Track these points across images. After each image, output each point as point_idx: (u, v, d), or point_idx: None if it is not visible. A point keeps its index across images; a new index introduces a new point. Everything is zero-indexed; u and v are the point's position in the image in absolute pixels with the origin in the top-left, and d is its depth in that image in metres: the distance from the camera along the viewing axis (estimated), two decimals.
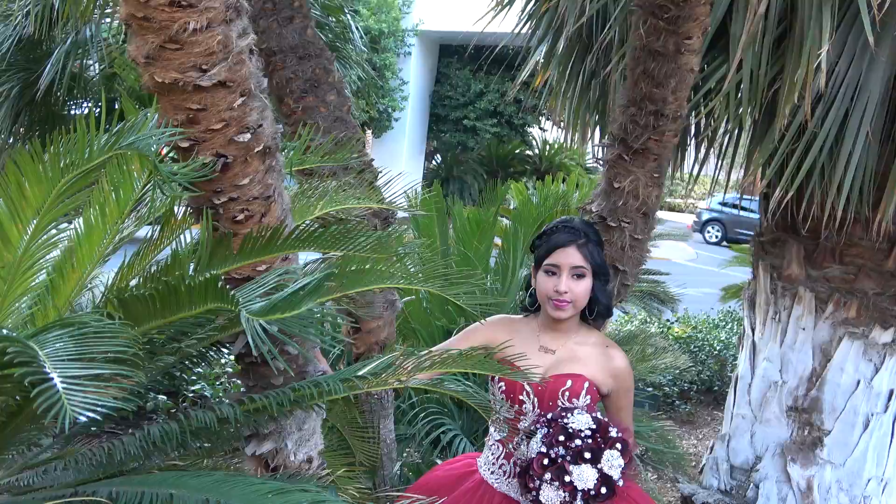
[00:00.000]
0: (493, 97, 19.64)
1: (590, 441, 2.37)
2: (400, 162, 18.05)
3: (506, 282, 4.59)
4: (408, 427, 3.89)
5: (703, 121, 4.11)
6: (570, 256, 2.55)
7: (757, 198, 4.72)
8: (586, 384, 2.56)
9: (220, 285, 1.31)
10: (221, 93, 1.77)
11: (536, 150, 22.00)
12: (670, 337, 7.82)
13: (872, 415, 4.24)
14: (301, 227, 1.63)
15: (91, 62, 5.02)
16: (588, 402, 2.56)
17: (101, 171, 1.85)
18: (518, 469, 2.50)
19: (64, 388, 1.07)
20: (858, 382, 4.24)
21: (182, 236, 2.05)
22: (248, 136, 1.81)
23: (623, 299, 3.50)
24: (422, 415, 3.89)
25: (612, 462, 2.36)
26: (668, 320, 8.18)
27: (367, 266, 1.82)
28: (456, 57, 20.32)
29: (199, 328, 1.72)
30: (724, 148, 4.16)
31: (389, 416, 3.54)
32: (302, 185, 2.19)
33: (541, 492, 2.37)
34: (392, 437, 3.55)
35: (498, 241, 5.03)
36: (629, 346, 4.39)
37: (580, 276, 2.55)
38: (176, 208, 2.10)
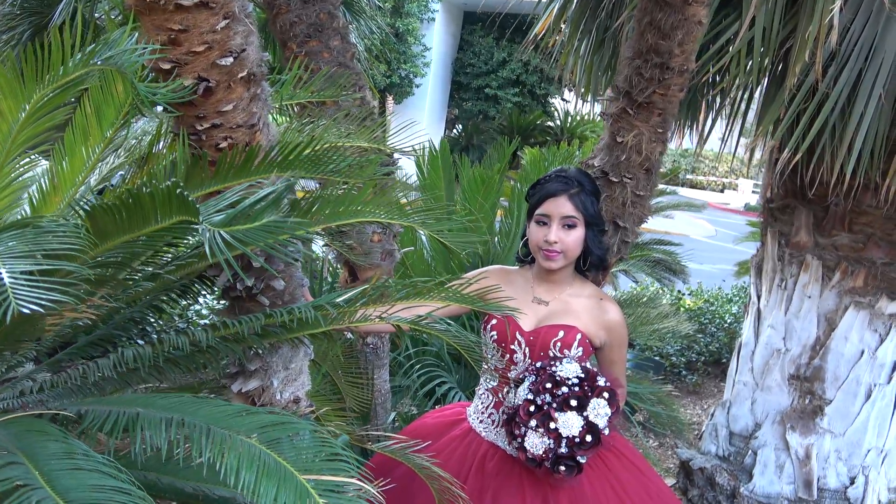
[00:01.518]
0: (515, 66, 19.48)
1: (577, 389, 2.35)
2: (420, 129, 17.96)
3: (510, 241, 4.56)
4: (403, 378, 3.89)
5: (716, 80, 4.04)
6: (561, 206, 2.51)
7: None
8: (578, 336, 2.54)
9: (181, 193, 1.29)
10: (204, 14, 1.74)
11: (558, 121, 21.83)
12: (682, 308, 7.80)
13: (875, 385, 4.20)
14: (278, 149, 1.61)
15: (102, 7, 4.99)
16: (580, 353, 2.53)
17: (84, 92, 1.83)
18: (505, 417, 2.49)
19: (10, 283, 1.06)
20: (862, 352, 4.19)
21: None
22: (231, 59, 1.79)
23: (623, 256, 3.46)
24: (418, 367, 3.88)
25: (599, 410, 2.34)
26: (679, 291, 8.13)
27: (345, 197, 1.80)
28: (480, 24, 20.15)
29: (171, 247, 1.71)
30: (735, 108, 4.09)
31: (384, 367, 3.54)
32: (293, 121, 2.16)
33: (526, 438, 2.36)
34: (387, 388, 3.55)
35: (506, 204, 5.00)
36: (632, 308, 4.35)
37: (571, 227, 2.52)
38: (162, 144, 2.09)
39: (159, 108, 1.89)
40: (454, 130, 22.65)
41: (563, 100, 21.28)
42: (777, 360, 4.37)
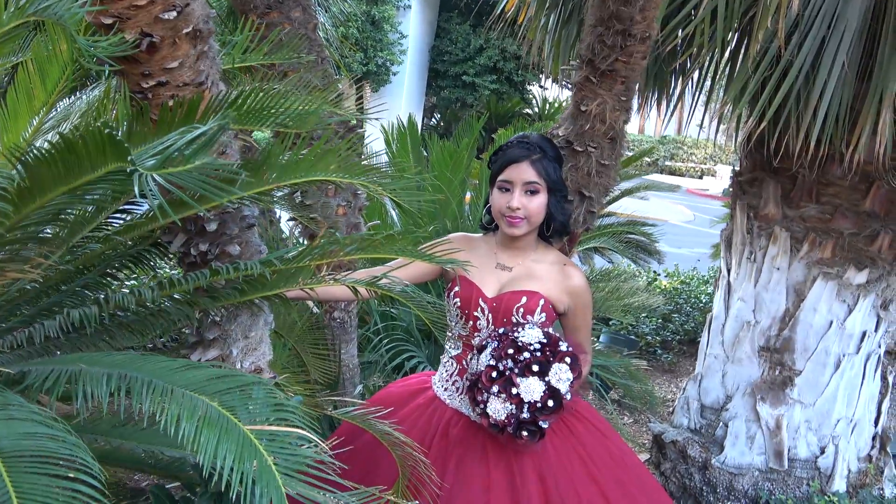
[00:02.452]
0: (492, 53, 19.44)
1: (538, 354, 2.35)
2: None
3: (478, 216, 4.55)
4: (372, 354, 3.88)
5: (682, 51, 4.03)
6: (524, 172, 2.50)
7: None
8: (542, 301, 2.53)
9: (113, 136, 1.26)
10: None
11: (536, 109, 21.82)
12: (657, 289, 7.83)
13: (844, 355, 4.22)
14: (222, 97, 1.58)
15: None
16: (543, 319, 2.53)
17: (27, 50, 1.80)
18: (468, 383, 2.48)
19: None
20: (831, 323, 4.21)
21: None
22: (175, 14, 1.76)
23: (590, 227, 3.46)
24: (386, 341, 3.87)
25: (560, 375, 2.34)
26: (654, 272, 8.16)
27: (295, 154, 1.77)
28: (456, 11, 20.09)
29: (112, 202, 1.68)
30: (702, 77, 4.09)
31: (352, 341, 3.52)
32: (243, 85, 2.13)
33: (488, 404, 2.36)
34: (355, 363, 3.53)
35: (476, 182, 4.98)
36: (604, 282, 4.35)
37: (533, 193, 2.50)
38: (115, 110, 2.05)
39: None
40: (433, 118, 22.61)
41: (541, 87, 21.29)
42: (747, 332, 4.38)
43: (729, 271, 4.62)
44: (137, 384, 1.39)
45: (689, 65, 4.06)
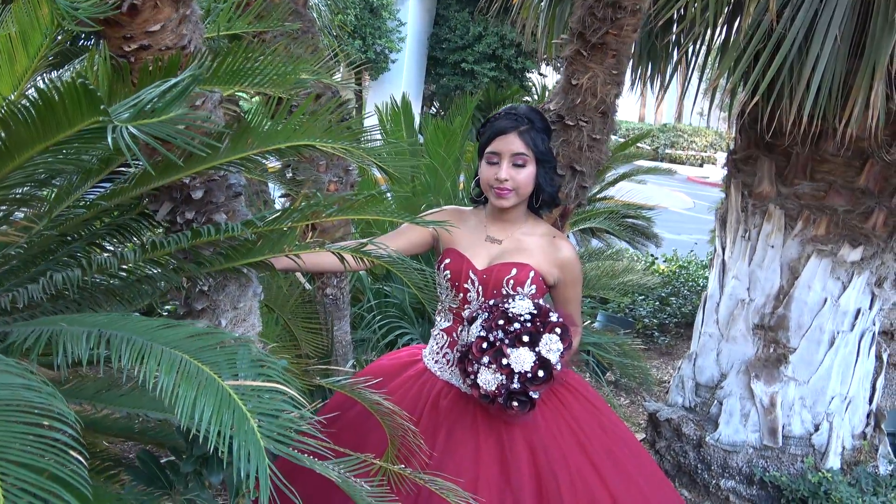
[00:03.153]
0: (491, 40, 19.37)
1: (529, 325, 2.35)
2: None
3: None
4: (365, 331, 3.88)
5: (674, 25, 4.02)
6: (511, 143, 2.50)
7: None
8: (532, 273, 2.53)
9: (88, 87, 1.26)
10: None
11: (535, 96, 21.75)
12: (655, 273, 7.83)
13: (838, 333, 4.22)
14: (198, 57, 1.57)
15: None
16: (533, 291, 2.53)
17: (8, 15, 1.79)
18: (458, 355, 2.48)
19: None
20: (825, 300, 4.21)
21: None
22: None
23: (582, 202, 3.46)
24: (379, 318, 3.87)
25: (551, 346, 2.34)
26: (652, 255, 8.15)
27: (279, 124, 1.77)
28: None
29: (98, 171, 1.67)
30: (696, 52, 4.07)
31: (345, 318, 3.52)
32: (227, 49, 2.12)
33: (479, 375, 2.36)
34: (348, 339, 3.53)
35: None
36: (599, 261, 4.35)
37: (522, 164, 2.50)
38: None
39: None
40: (432, 107, 22.57)
41: (540, 74, 21.23)
42: (741, 310, 4.38)
43: (724, 250, 4.62)
44: (116, 340, 1.39)
45: (682, 40, 4.05)
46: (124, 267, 1.88)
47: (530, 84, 21.73)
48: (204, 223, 2.18)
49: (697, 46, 4.11)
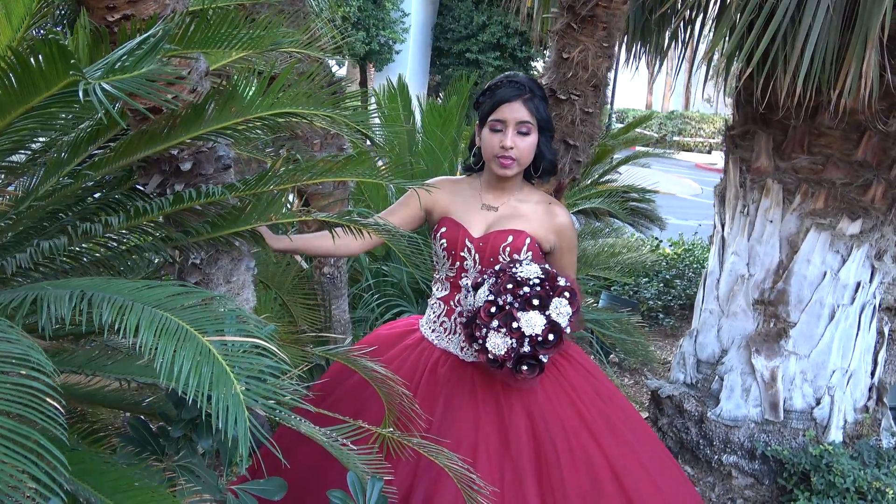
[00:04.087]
0: (496, 29, 19.38)
1: (538, 289, 2.36)
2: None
3: None
4: (364, 310, 3.90)
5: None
6: (516, 111, 2.50)
7: None
8: (528, 240, 2.54)
9: (63, 46, 1.27)
10: None
11: None
12: (660, 256, 7.83)
13: (839, 306, 4.22)
14: (175, 18, 1.59)
15: None
16: (529, 258, 2.54)
17: None
18: (463, 320, 2.50)
19: None
20: (825, 274, 4.20)
21: None
22: None
23: (576, 177, 3.46)
24: (377, 296, 3.89)
25: (560, 309, 2.35)
26: (656, 238, 8.14)
27: (261, 92, 1.79)
28: None
29: (87, 142, 1.68)
30: (689, 25, 4.06)
31: (343, 297, 3.54)
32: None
33: (488, 339, 2.36)
34: (346, 318, 3.55)
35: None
36: (599, 238, 4.36)
37: (526, 133, 2.51)
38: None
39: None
40: (438, 97, 22.56)
41: (544, 62, 21.14)
42: (741, 285, 4.38)
43: (723, 226, 4.62)
44: (98, 299, 1.41)
45: (675, 14, 4.04)
46: (112, 236, 1.90)
47: (535, 73, 21.69)
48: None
49: (691, 16, 4.09)
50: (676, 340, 6.88)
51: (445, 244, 2.60)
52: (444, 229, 2.60)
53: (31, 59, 1.32)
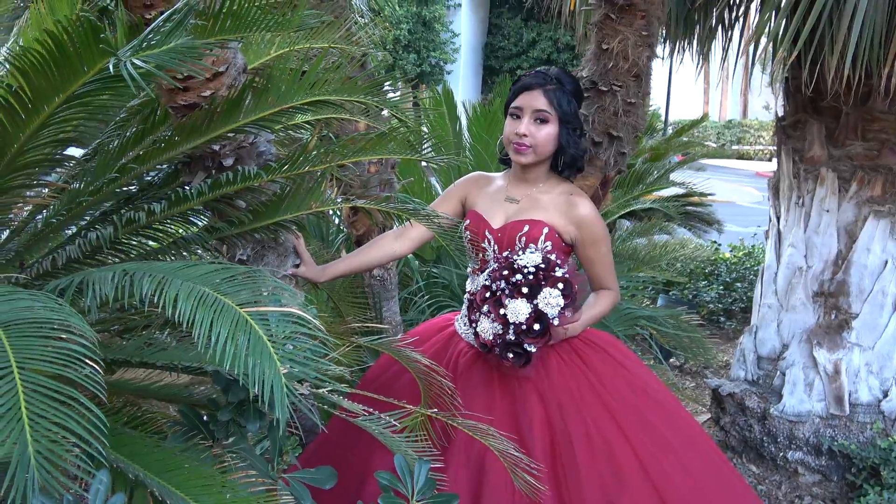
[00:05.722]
0: (545, 45, 19.42)
1: (531, 277, 2.35)
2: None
3: None
4: (415, 313, 3.92)
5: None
6: (534, 99, 2.51)
7: None
8: (545, 229, 2.52)
9: (94, 22, 1.32)
10: None
11: None
12: (718, 260, 7.71)
13: None
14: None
15: None
16: (549, 248, 2.52)
17: None
18: (467, 304, 2.53)
19: None
20: (886, 263, 4.10)
21: None
22: None
23: (622, 170, 3.44)
24: (427, 298, 3.91)
25: (549, 300, 2.32)
26: (714, 242, 8.01)
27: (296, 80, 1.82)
28: (507, 6, 20.11)
29: (134, 142, 1.73)
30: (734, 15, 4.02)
31: (394, 299, 3.56)
32: None
33: (479, 323, 2.39)
34: (398, 320, 3.57)
35: None
36: (648, 235, 4.32)
37: (543, 121, 2.50)
38: None
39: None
40: None
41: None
42: (800, 278, 4.29)
43: (778, 219, 4.54)
44: (138, 276, 1.45)
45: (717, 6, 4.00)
46: (157, 226, 1.95)
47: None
48: (238, 192, 2.25)
49: (732, 1, 4.04)
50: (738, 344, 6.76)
51: (469, 236, 2.63)
52: (468, 222, 2.64)
53: (68, 41, 1.37)
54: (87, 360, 1.17)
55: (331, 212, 3.96)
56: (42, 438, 1.10)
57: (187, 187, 1.90)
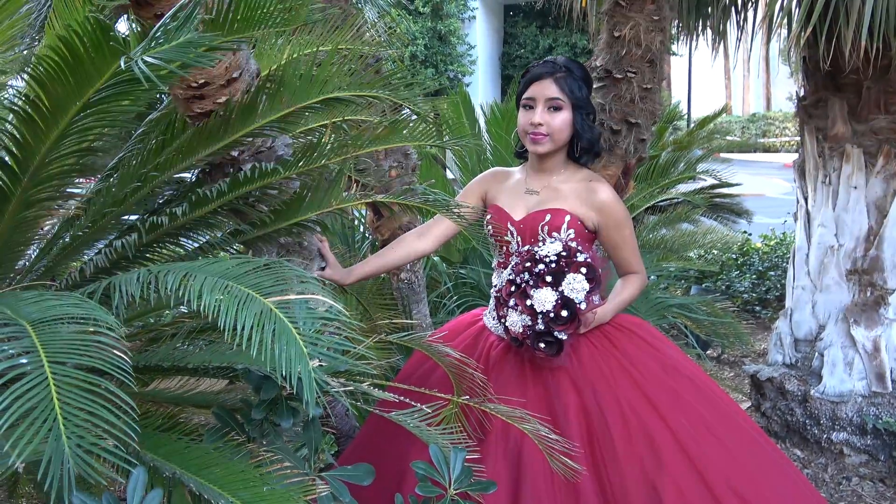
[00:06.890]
0: (562, 51, 19.39)
1: (553, 266, 2.35)
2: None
3: None
4: (445, 315, 3.92)
5: None
6: (546, 88, 2.51)
7: None
8: (567, 218, 2.51)
9: (103, 22, 1.34)
10: None
11: None
12: (750, 250, 7.64)
13: None
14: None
15: None
16: (572, 235, 2.51)
17: None
18: (494, 301, 2.52)
19: None
20: None
21: None
22: None
23: (643, 156, 3.43)
24: (455, 298, 3.91)
25: (574, 285, 2.32)
26: (745, 232, 7.93)
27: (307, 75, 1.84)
28: (521, 14, 20.15)
29: (154, 153, 1.75)
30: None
31: (422, 301, 3.57)
32: None
33: (507, 317, 2.39)
34: (428, 322, 3.58)
35: None
36: (674, 223, 4.29)
37: (557, 109, 2.50)
38: None
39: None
40: None
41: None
42: (832, 257, 4.24)
43: (806, 200, 4.49)
44: (162, 274, 1.47)
45: None
46: (181, 232, 1.97)
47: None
48: (259, 197, 2.27)
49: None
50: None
51: (492, 230, 2.63)
52: (489, 216, 2.63)
53: (80, 46, 1.39)
54: (115, 351, 1.19)
55: (355, 217, 3.99)
56: (75, 429, 1.11)
57: (209, 192, 1.92)
